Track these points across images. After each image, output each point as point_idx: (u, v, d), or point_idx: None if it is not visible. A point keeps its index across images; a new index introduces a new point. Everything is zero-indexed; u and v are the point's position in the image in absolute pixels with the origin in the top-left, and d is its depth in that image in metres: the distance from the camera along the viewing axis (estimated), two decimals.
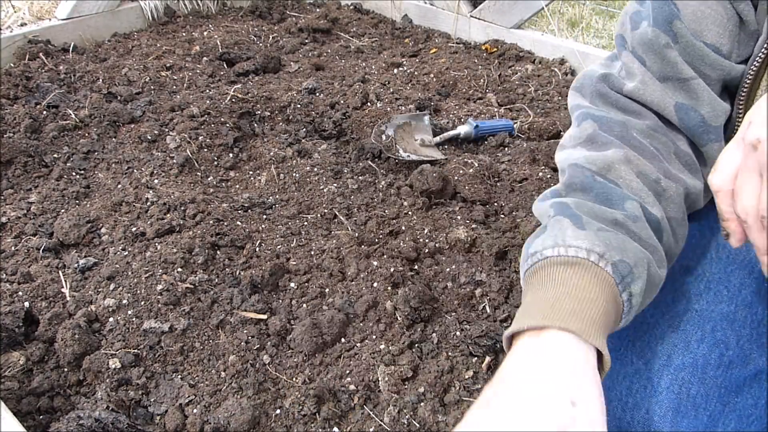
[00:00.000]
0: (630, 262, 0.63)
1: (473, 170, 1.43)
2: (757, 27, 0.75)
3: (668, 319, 0.79)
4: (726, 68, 0.76)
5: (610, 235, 0.65)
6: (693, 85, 0.76)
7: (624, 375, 0.77)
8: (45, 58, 1.90)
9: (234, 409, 0.90)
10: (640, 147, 0.74)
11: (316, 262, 1.19)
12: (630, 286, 0.63)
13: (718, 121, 0.77)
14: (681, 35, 0.75)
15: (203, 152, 1.51)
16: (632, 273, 0.63)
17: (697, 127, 0.77)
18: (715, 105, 0.77)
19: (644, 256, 0.66)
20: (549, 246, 0.65)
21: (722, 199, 0.62)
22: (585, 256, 0.62)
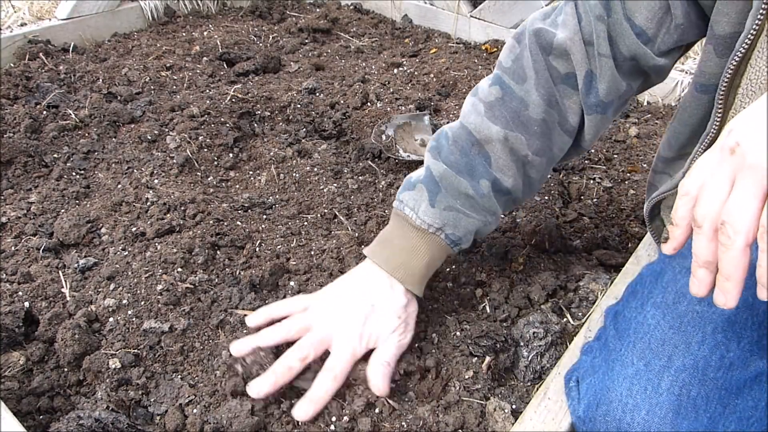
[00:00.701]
0: (460, 234, 0.94)
1: None
2: (683, 21, 0.84)
3: (669, 320, 0.79)
4: (641, 56, 0.87)
5: (451, 214, 0.92)
6: (603, 62, 0.87)
7: (624, 376, 0.77)
8: (45, 58, 1.90)
9: (236, 410, 0.90)
10: (525, 125, 0.92)
11: (316, 262, 1.19)
12: (459, 245, 0.97)
13: (609, 98, 0.90)
14: (614, 11, 0.85)
15: (203, 152, 1.51)
16: (460, 240, 0.95)
17: (591, 98, 0.90)
18: (612, 84, 0.89)
19: (475, 224, 0.95)
20: (410, 207, 0.94)
21: (684, 203, 0.62)
22: (426, 228, 0.93)
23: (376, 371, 0.89)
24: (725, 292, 0.57)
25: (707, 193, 0.58)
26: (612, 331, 0.87)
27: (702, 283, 0.61)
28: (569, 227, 1.35)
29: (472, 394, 0.98)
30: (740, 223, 0.54)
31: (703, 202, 0.58)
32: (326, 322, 0.93)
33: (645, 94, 1.97)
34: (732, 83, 0.77)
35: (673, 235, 0.63)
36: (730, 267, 0.56)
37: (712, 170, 0.59)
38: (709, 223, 0.57)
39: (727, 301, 0.58)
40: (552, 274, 1.20)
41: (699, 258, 0.59)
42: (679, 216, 0.62)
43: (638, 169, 1.58)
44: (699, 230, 0.59)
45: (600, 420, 0.77)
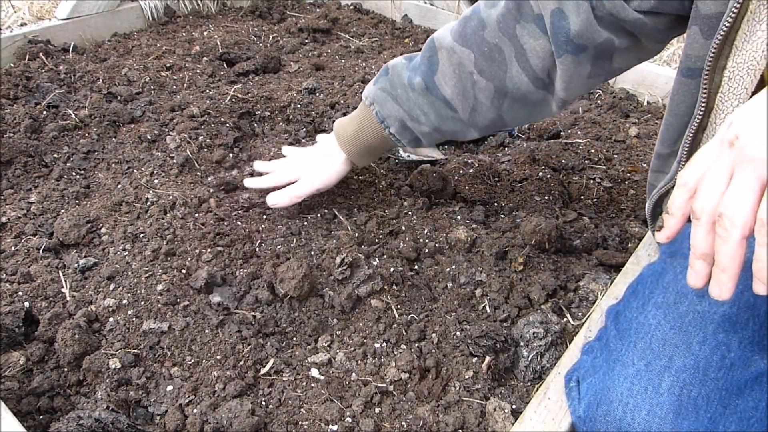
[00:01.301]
0: (385, 114, 1.12)
1: (473, 170, 1.43)
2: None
3: (670, 320, 0.79)
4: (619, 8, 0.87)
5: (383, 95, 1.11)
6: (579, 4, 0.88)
7: (625, 376, 0.77)
8: (45, 58, 1.90)
9: (236, 410, 0.90)
10: (477, 44, 0.99)
11: (316, 262, 1.19)
12: (387, 127, 1.13)
13: (581, 40, 0.90)
14: None
15: (203, 152, 1.51)
16: (386, 120, 1.13)
17: (561, 36, 0.91)
18: (587, 26, 0.89)
19: (400, 112, 1.11)
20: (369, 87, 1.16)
21: (681, 193, 0.62)
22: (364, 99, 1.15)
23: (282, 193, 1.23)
24: (720, 283, 0.58)
25: (705, 185, 0.59)
26: (613, 331, 0.87)
27: (699, 275, 0.61)
28: (569, 227, 1.35)
29: (472, 394, 0.98)
30: (737, 215, 0.54)
31: (702, 194, 0.59)
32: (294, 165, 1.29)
33: (645, 94, 1.97)
34: (716, 64, 0.76)
35: (668, 224, 0.64)
36: (726, 259, 0.56)
37: (711, 162, 0.59)
38: (707, 216, 0.58)
39: (722, 293, 0.58)
40: (552, 274, 1.20)
41: (696, 250, 0.60)
42: (676, 206, 0.62)
43: (638, 169, 1.58)
44: (697, 222, 0.59)
45: (600, 420, 0.77)
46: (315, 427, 0.92)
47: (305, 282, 1.08)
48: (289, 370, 1.01)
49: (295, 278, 1.07)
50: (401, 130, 1.13)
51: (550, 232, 1.23)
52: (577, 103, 1.88)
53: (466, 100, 1.04)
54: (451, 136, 1.13)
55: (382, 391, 0.98)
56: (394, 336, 1.06)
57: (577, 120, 1.78)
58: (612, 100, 1.90)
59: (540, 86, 1.00)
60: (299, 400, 0.97)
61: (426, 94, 1.06)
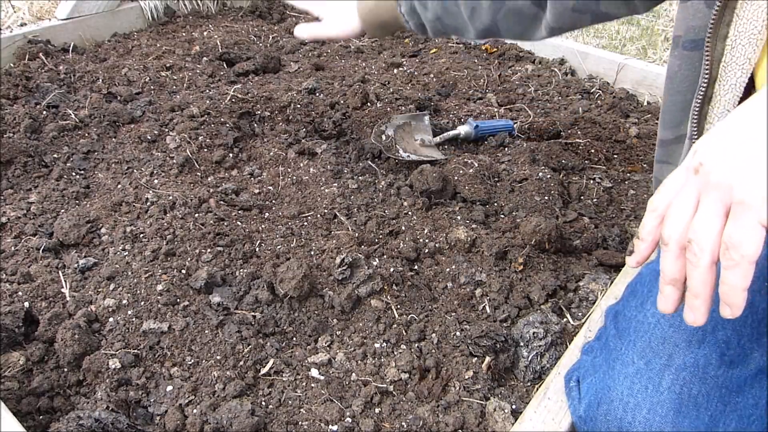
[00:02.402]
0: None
1: (473, 170, 1.43)
2: None
3: (669, 318, 0.79)
4: None
5: None
6: None
7: (625, 375, 0.77)
8: (45, 58, 1.90)
9: (236, 410, 0.90)
10: None
11: (316, 262, 1.19)
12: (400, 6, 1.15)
13: None
14: None
15: (203, 152, 1.51)
16: None
17: None
18: None
19: None
20: None
21: (651, 219, 0.63)
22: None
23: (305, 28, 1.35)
24: (694, 309, 0.59)
25: (673, 212, 0.60)
26: (612, 331, 0.87)
27: (668, 300, 0.62)
28: (569, 227, 1.35)
29: (472, 394, 0.98)
30: (705, 241, 0.56)
31: (669, 221, 0.60)
32: None
33: (645, 94, 1.97)
34: (717, 32, 0.76)
35: (638, 249, 0.65)
36: (698, 285, 0.57)
37: (678, 190, 0.61)
38: (675, 242, 0.59)
39: (696, 318, 0.59)
40: (552, 274, 1.20)
41: (666, 275, 0.61)
42: (646, 231, 0.64)
43: (638, 169, 1.58)
44: (666, 248, 0.60)
45: (601, 419, 0.77)
46: (315, 427, 0.92)
47: (305, 282, 1.08)
48: (289, 371, 1.01)
49: (295, 278, 1.07)
50: (410, 12, 1.16)
51: (550, 232, 1.23)
52: (577, 103, 1.88)
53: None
54: (452, 31, 1.17)
55: (382, 391, 0.98)
56: (394, 336, 1.06)
57: (577, 120, 1.78)
58: (612, 100, 1.90)
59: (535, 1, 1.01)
60: (299, 400, 0.97)
61: None
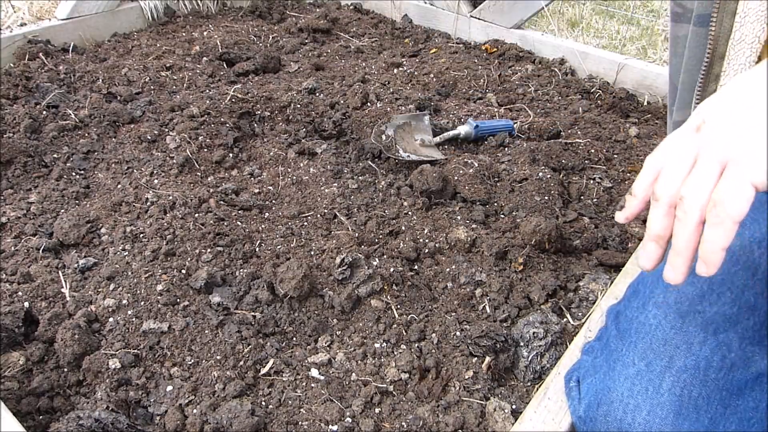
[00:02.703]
0: None
1: (473, 170, 1.42)
2: None
3: (671, 320, 0.79)
4: None
5: None
6: None
7: (625, 377, 0.77)
8: (45, 58, 1.90)
9: (236, 410, 0.90)
10: None
11: (316, 262, 1.19)
12: None
13: None
14: None
15: (203, 152, 1.51)
16: None
17: None
18: None
19: None
20: None
21: (646, 175, 0.62)
22: None
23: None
24: (675, 267, 0.57)
25: (668, 168, 0.59)
26: (613, 331, 0.87)
27: (649, 257, 0.61)
28: (569, 227, 1.35)
29: (472, 394, 0.98)
30: (696, 199, 0.55)
31: (664, 177, 0.59)
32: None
33: (645, 94, 1.97)
34: (725, 6, 0.74)
35: (629, 204, 0.63)
36: (682, 243, 0.56)
37: (676, 146, 0.60)
38: (667, 198, 0.58)
39: (675, 277, 0.57)
40: (552, 274, 1.20)
41: (651, 231, 0.60)
42: (640, 188, 0.62)
43: (638, 169, 1.58)
44: (656, 204, 0.59)
45: (601, 420, 0.77)
46: (315, 427, 0.92)
47: (305, 282, 1.08)
48: (289, 371, 1.01)
49: (295, 278, 1.07)
50: None
51: (550, 232, 1.23)
52: (577, 103, 1.88)
53: None
54: None
55: (382, 391, 0.98)
56: (394, 336, 1.06)
57: (577, 120, 1.78)
58: (612, 100, 1.89)
59: None
60: (299, 400, 0.97)
61: None
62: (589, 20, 2.81)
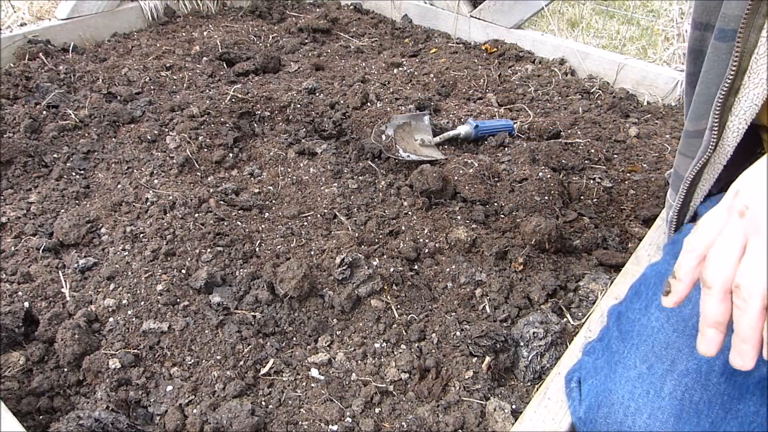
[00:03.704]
0: None
1: (473, 170, 1.42)
2: None
3: (673, 323, 0.79)
4: None
5: None
6: None
7: (627, 379, 0.77)
8: (45, 58, 1.90)
9: (236, 410, 0.90)
10: None
11: (316, 262, 1.19)
12: None
13: None
14: None
15: (203, 152, 1.51)
16: None
17: None
18: None
19: None
20: None
21: (690, 259, 0.61)
22: None
23: None
24: (743, 354, 0.56)
25: (716, 254, 0.58)
26: (615, 332, 0.87)
27: (711, 343, 0.60)
28: (569, 227, 1.35)
29: (472, 394, 0.98)
30: (756, 286, 0.54)
31: (713, 263, 0.58)
32: None
33: (645, 94, 1.97)
34: (752, 22, 0.73)
35: (675, 289, 0.63)
36: (747, 330, 0.55)
37: (720, 230, 0.59)
38: (720, 285, 0.57)
39: (745, 363, 0.57)
40: (552, 274, 1.20)
41: (708, 319, 0.59)
42: (684, 272, 0.62)
43: (638, 169, 1.58)
44: (708, 291, 0.58)
45: (601, 422, 0.77)
46: (315, 427, 0.92)
47: (305, 282, 1.08)
48: (289, 370, 1.01)
49: (295, 278, 1.07)
50: None
51: (550, 232, 1.23)
52: (577, 103, 1.88)
53: None
54: None
55: (382, 391, 0.98)
56: (394, 336, 1.06)
57: (577, 120, 1.78)
58: (612, 100, 1.90)
59: None
60: (299, 400, 0.97)
61: None
62: (589, 20, 2.81)
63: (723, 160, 0.82)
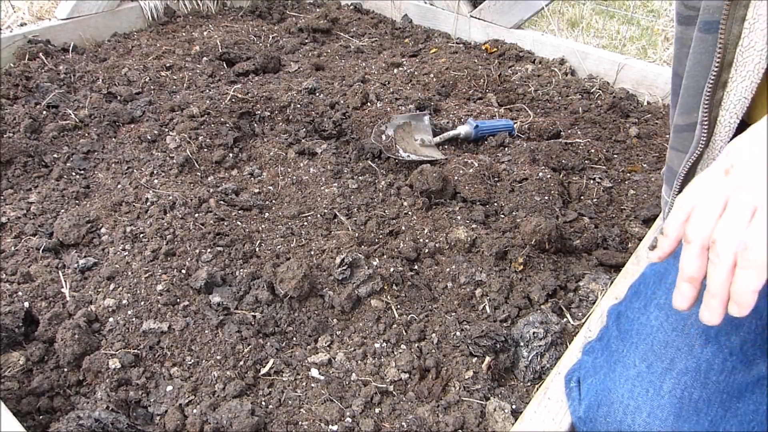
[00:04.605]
0: None
1: (473, 170, 1.42)
2: None
3: (672, 322, 0.79)
4: None
5: None
6: None
7: (626, 378, 0.77)
8: (45, 58, 1.90)
9: (236, 410, 0.90)
10: None
11: (316, 262, 1.19)
12: None
13: None
14: None
15: (203, 152, 1.51)
16: None
17: None
18: None
19: None
20: None
21: (677, 216, 0.63)
22: None
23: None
24: (711, 308, 0.59)
25: (699, 211, 0.60)
26: (614, 332, 0.87)
27: (685, 297, 0.62)
28: (569, 227, 1.35)
29: (472, 394, 0.98)
30: (729, 242, 0.56)
31: (695, 219, 0.60)
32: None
33: (645, 94, 1.96)
34: (734, 13, 0.73)
35: (661, 244, 0.65)
36: (717, 285, 0.57)
37: (707, 189, 0.61)
38: (699, 241, 0.59)
39: (712, 317, 0.59)
40: (552, 274, 1.20)
41: (684, 272, 0.61)
42: (671, 228, 0.64)
43: (638, 169, 1.58)
44: (688, 246, 0.60)
45: (601, 421, 0.77)
46: (315, 427, 0.92)
47: (305, 282, 1.08)
48: (289, 370, 1.01)
49: (295, 278, 1.07)
50: None
51: (550, 232, 1.23)
52: (577, 103, 1.88)
53: None
54: None
55: (382, 391, 0.98)
56: (394, 336, 1.06)
57: (577, 120, 1.78)
58: (612, 100, 1.90)
59: None
60: (299, 400, 0.97)
61: None
62: (589, 20, 2.81)
63: (716, 155, 0.82)
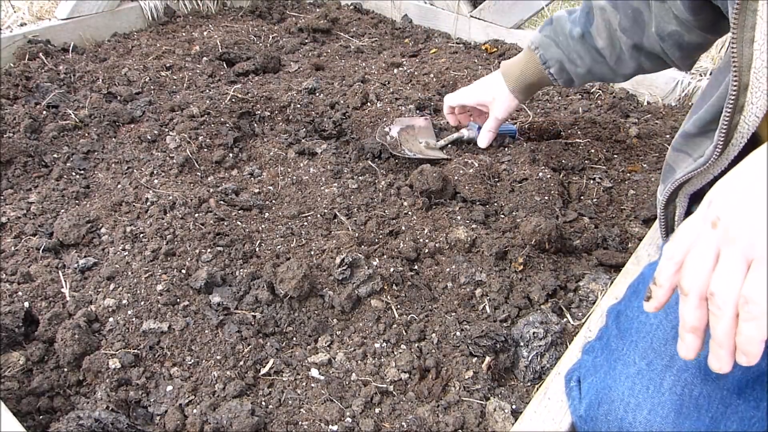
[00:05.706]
0: (548, 57, 1.33)
1: (473, 170, 1.42)
2: None
3: (671, 320, 0.79)
4: None
5: (546, 40, 1.32)
6: None
7: (626, 375, 0.77)
8: (45, 58, 1.90)
9: (236, 410, 0.90)
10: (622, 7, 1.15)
11: (316, 262, 1.19)
12: (548, 67, 1.34)
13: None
14: None
15: (203, 152, 1.51)
16: (548, 62, 1.33)
17: None
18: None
19: (561, 55, 1.31)
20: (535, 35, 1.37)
21: (668, 267, 0.64)
22: (530, 45, 1.36)
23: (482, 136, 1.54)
24: (719, 358, 0.59)
25: (692, 263, 0.61)
26: (614, 331, 0.87)
27: (690, 348, 0.63)
28: (569, 227, 1.35)
29: (472, 394, 0.98)
30: (728, 295, 0.57)
31: (688, 272, 0.61)
32: None
33: (645, 94, 1.96)
34: (742, 35, 0.72)
35: (656, 295, 0.65)
36: (722, 335, 0.58)
37: (694, 240, 0.61)
38: (696, 293, 0.60)
39: (722, 366, 0.59)
40: (552, 274, 1.20)
41: (686, 323, 0.62)
42: (663, 278, 0.64)
43: (638, 169, 1.58)
44: (685, 298, 0.61)
45: (601, 419, 0.77)
46: (315, 427, 0.92)
47: (305, 282, 1.08)
48: (289, 371, 1.01)
49: (295, 278, 1.07)
50: (559, 71, 1.32)
51: (550, 232, 1.23)
52: (577, 103, 1.88)
53: (613, 50, 1.22)
54: (600, 78, 1.33)
55: (382, 391, 0.98)
56: (394, 336, 1.06)
57: (577, 120, 1.78)
58: (612, 100, 1.89)
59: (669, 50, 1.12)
60: (299, 400, 0.97)
61: (583, 42, 1.26)
62: None
63: (716, 171, 0.83)
